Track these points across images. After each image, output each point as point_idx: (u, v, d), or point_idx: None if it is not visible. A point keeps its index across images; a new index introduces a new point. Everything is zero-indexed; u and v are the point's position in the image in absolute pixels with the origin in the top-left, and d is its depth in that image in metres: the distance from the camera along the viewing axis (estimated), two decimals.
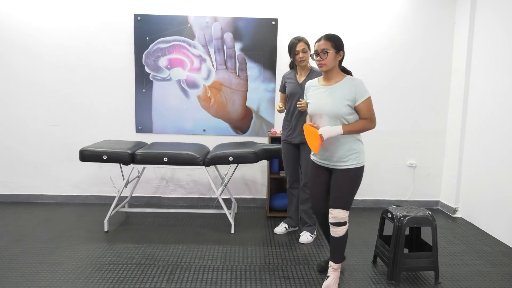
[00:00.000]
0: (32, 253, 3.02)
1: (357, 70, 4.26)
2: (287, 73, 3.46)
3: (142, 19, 4.13)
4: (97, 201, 4.39)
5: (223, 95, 4.25)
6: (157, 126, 4.29)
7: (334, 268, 2.59)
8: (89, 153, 3.36)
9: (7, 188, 4.36)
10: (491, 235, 3.65)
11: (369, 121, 2.43)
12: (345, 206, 2.48)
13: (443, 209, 4.38)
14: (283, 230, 3.57)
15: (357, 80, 2.44)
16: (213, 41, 4.17)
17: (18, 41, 4.16)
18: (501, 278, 2.81)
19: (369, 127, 2.44)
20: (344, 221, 2.50)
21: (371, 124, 2.43)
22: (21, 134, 4.29)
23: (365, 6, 4.19)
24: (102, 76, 4.23)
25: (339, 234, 2.52)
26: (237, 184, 4.41)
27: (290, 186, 3.54)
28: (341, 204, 2.48)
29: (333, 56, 2.44)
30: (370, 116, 2.42)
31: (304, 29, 4.20)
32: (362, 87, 2.41)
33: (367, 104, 2.41)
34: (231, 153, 3.40)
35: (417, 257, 2.69)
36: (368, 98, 2.41)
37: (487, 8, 3.80)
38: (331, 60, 2.44)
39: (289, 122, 3.41)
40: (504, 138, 3.52)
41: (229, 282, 2.65)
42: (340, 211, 2.48)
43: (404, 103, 4.34)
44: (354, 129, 2.42)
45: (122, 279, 2.65)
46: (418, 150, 4.40)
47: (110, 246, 3.19)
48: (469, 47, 4.01)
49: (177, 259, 2.98)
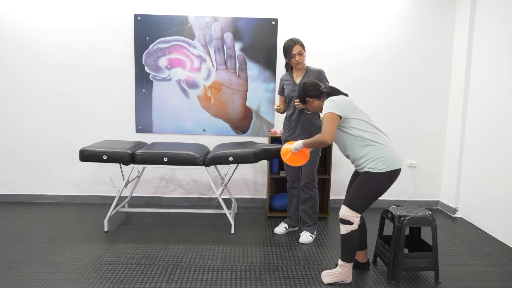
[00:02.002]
0: (32, 253, 3.02)
1: (357, 70, 4.26)
2: (284, 76, 3.47)
3: (142, 19, 4.13)
4: (97, 201, 4.39)
5: (223, 95, 4.25)
6: (157, 126, 4.29)
7: (339, 264, 2.65)
8: (89, 153, 3.36)
9: (7, 188, 4.36)
10: (491, 235, 3.65)
11: (321, 134, 2.53)
12: (351, 204, 2.52)
13: (443, 209, 4.38)
14: (283, 230, 3.57)
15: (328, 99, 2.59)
16: (213, 41, 4.17)
17: (18, 41, 4.16)
18: (501, 278, 2.81)
19: (320, 140, 2.53)
20: (347, 220, 2.52)
21: (322, 136, 2.52)
22: (21, 134, 4.29)
23: (365, 6, 4.19)
24: (102, 76, 4.23)
25: (342, 231, 2.57)
26: (237, 184, 4.41)
27: (291, 186, 3.54)
28: (347, 202, 2.55)
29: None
30: (324, 129, 2.51)
31: (304, 29, 4.20)
32: (326, 104, 2.54)
33: (324, 117, 2.52)
34: (231, 153, 3.40)
35: (417, 257, 2.69)
36: (327, 113, 2.51)
37: (487, 8, 3.80)
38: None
39: (289, 122, 3.42)
40: (504, 138, 3.52)
41: (229, 282, 2.65)
42: (345, 208, 2.54)
43: (404, 103, 4.34)
44: (310, 144, 2.62)
45: (122, 279, 2.65)
46: (418, 150, 4.40)
47: (110, 246, 3.19)
48: (469, 47, 4.01)
49: (177, 259, 2.98)
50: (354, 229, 2.53)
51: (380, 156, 2.49)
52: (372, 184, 2.49)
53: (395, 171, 2.50)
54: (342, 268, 2.63)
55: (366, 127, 2.53)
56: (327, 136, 2.48)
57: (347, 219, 2.52)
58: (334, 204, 4.40)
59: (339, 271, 2.64)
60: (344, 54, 4.25)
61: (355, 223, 2.53)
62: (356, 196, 2.52)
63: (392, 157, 2.50)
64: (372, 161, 2.49)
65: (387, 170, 2.47)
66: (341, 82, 4.28)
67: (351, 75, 4.28)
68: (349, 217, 2.52)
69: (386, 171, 2.47)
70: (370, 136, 2.51)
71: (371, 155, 2.49)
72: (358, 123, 2.53)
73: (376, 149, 2.49)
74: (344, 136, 2.58)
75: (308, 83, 2.73)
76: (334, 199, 4.40)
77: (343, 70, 4.27)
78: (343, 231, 2.56)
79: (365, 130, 2.52)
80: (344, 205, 2.55)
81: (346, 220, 2.53)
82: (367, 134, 2.52)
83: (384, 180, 2.49)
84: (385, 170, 2.47)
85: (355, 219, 2.52)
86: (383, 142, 2.53)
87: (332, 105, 2.51)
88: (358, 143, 2.52)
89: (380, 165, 2.47)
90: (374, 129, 2.56)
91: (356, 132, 2.52)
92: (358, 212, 2.53)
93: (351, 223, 2.52)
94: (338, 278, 2.64)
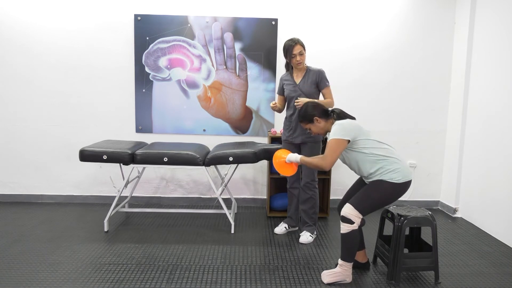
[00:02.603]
0: (32, 253, 3.02)
1: (357, 70, 4.26)
2: (284, 75, 3.47)
3: (142, 19, 4.13)
4: (97, 201, 4.39)
5: (223, 95, 4.25)
6: (157, 126, 4.29)
7: (339, 264, 2.66)
8: (89, 153, 3.36)
9: (7, 188, 4.36)
10: (491, 235, 3.65)
11: (321, 158, 2.55)
12: (356, 204, 2.54)
13: (443, 209, 4.38)
14: (283, 230, 3.57)
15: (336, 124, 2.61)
16: (213, 41, 4.17)
17: (18, 41, 4.16)
18: (501, 278, 2.81)
19: (319, 165, 2.55)
20: (349, 218, 2.53)
21: (322, 161, 2.54)
22: (21, 134, 4.29)
23: (365, 6, 4.19)
24: (102, 76, 4.23)
25: (342, 230, 2.58)
26: (237, 184, 4.41)
27: (291, 186, 3.54)
28: (353, 201, 2.56)
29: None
30: (326, 155, 2.53)
31: (304, 29, 4.20)
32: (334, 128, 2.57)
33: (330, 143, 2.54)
34: (231, 153, 3.40)
35: (417, 257, 2.69)
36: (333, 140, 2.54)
37: (487, 8, 3.80)
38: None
39: (289, 122, 3.41)
40: (504, 138, 3.52)
41: (229, 282, 2.65)
42: (350, 207, 2.55)
43: (404, 103, 4.34)
44: (308, 163, 2.63)
45: (122, 279, 2.65)
46: (418, 150, 4.40)
47: (110, 246, 3.19)
48: (469, 47, 4.01)
49: (177, 259, 2.98)
50: (354, 228, 2.54)
51: (395, 168, 2.55)
52: (384, 192, 2.54)
53: (408, 183, 2.58)
54: (342, 268, 2.64)
55: (375, 144, 2.60)
56: (328, 164, 2.52)
57: (349, 217, 2.53)
58: (334, 204, 4.40)
59: (339, 270, 2.64)
60: (344, 54, 4.25)
61: (356, 223, 2.53)
62: (364, 198, 2.55)
63: (405, 169, 2.58)
64: (388, 173, 2.54)
65: (402, 181, 2.54)
66: (341, 82, 4.28)
67: (351, 75, 4.28)
68: (351, 216, 2.53)
69: (401, 182, 2.54)
70: (381, 151, 2.58)
71: (385, 168, 2.55)
72: (367, 142, 2.59)
73: (390, 162, 2.56)
74: (354, 155, 2.61)
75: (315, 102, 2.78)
76: (334, 199, 4.40)
77: (343, 70, 4.27)
78: (343, 230, 2.57)
79: (375, 147, 2.59)
80: (349, 204, 2.56)
81: (347, 218, 2.54)
82: (378, 150, 2.58)
83: (397, 190, 2.55)
84: (400, 181, 2.54)
85: (356, 219, 2.53)
86: (395, 155, 2.60)
87: (340, 130, 2.55)
88: (369, 159, 2.57)
89: (396, 175, 2.53)
90: (383, 144, 2.63)
91: (368, 150, 2.58)
92: (361, 214, 2.54)
93: (352, 222, 2.53)
94: (338, 277, 2.64)
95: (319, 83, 3.32)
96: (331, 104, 3.31)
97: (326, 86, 3.33)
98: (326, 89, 3.34)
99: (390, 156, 2.57)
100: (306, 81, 3.33)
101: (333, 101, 3.33)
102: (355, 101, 4.31)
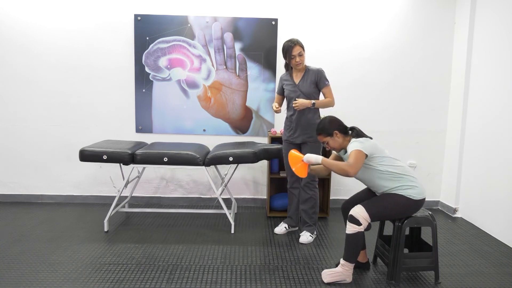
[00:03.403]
0: (32, 253, 3.02)
1: (357, 70, 4.26)
2: (284, 75, 3.47)
3: (142, 19, 4.13)
4: (97, 201, 4.39)
5: (223, 95, 4.25)
6: (157, 126, 4.29)
7: (341, 264, 2.66)
8: (89, 153, 3.36)
9: (7, 188, 4.36)
10: (491, 235, 3.65)
11: (348, 165, 2.50)
12: (368, 208, 2.55)
13: (443, 209, 4.38)
14: (283, 230, 3.57)
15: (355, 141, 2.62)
16: (213, 41, 4.17)
17: (18, 41, 4.16)
18: (501, 278, 2.81)
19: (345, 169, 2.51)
20: (357, 219, 2.53)
21: (349, 167, 2.50)
22: (21, 134, 4.29)
23: (365, 6, 4.19)
24: (102, 76, 4.23)
25: (348, 230, 2.57)
26: (237, 184, 4.41)
27: (291, 186, 3.54)
28: (366, 204, 2.57)
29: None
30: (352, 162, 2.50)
31: (304, 29, 4.20)
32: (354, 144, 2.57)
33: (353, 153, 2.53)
34: (231, 153, 3.40)
35: (417, 257, 2.69)
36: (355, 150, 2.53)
37: (487, 8, 3.80)
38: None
39: (290, 122, 3.41)
40: (504, 138, 3.52)
41: (229, 282, 2.65)
42: (361, 208, 2.55)
43: (404, 103, 4.34)
44: (331, 166, 2.56)
45: (122, 279, 2.65)
46: (418, 150, 4.40)
47: (110, 246, 3.19)
48: (469, 47, 4.01)
49: (177, 259, 2.98)
50: (360, 230, 2.54)
51: (414, 185, 2.59)
52: (399, 205, 2.56)
53: (423, 200, 2.62)
54: (343, 268, 2.64)
55: (391, 162, 2.62)
56: (354, 170, 2.50)
57: (357, 218, 2.53)
58: (334, 204, 4.40)
59: (340, 270, 2.64)
60: (344, 54, 4.25)
61: (363, 225, 2.54)
62: (378, 205, 2.56)
63: (421, 186, 2.63)
64: (407, 189, 2.57)
65: (418, 198, 2.58)
66: (341, 82, 4.28)
67: (351, 75, 4.28)
68: (360, 217, 2.53)
69: (417, 199, 2.57)
70: (396, 169, 2.60)
71: (405, 184, 2.58)
72: (383, 160, 2.61)
73: (407, 180, 2.59)
74: (370, 172, 2.63)
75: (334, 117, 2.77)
76: (334, 199, 4.40)
77: (343, 70, 4.27)
78: (349, 231, 2.57)
79: (391, 165, 2.61)
80: (361, 205, 2.57)
81: (356, 219, 2.54)
82: (393, 168, 2.60)
83: (412, 206, 2.58)
84: (416, 198, 2.57)
85: (364, 222, 2.54)
86: (410, 173, 2.63)
87: (359, 144, 2.57)
88: (386, 177, 2.60)
89: (413, 192, 2.57)
90: (398, 162, 2.65)
91: (384, 168, 2.60)
92: (370, 218, 2.55)
93: (360, 224, 2.53)
94: (339, 277, 2.64)
95: (319, 82, 3.32)
96: (331, 103, 3.31)
97: (325, 85, 3.33)
98: (326, 88, 3.34)
99: (406, 174, 2.61)
100: (305, 81, 3.33)
101: (333, 100, 3.33)
102: (355, 101, 4.31)
